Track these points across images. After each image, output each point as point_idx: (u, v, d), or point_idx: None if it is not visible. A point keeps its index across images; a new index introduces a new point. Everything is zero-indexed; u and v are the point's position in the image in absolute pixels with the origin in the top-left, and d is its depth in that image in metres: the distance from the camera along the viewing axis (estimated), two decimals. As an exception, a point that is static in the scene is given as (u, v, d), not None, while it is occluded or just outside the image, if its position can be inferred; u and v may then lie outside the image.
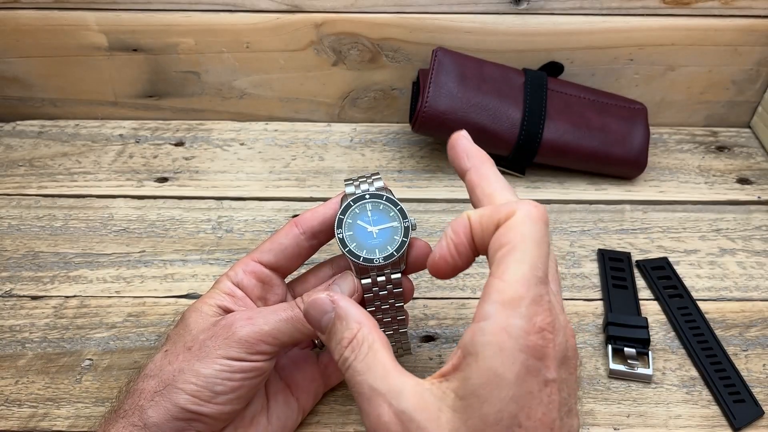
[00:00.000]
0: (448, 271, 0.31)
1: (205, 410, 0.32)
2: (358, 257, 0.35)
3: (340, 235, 0.36)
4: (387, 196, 0.37)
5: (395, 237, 0.36)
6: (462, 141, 0.34)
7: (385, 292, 0.36)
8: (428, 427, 0.26)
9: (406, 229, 0.36)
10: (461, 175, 0.34)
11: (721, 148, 0.63)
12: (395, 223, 0.36)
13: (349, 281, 0.36)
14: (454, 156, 0.34)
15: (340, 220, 0.36)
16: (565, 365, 0.27)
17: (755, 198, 0.58)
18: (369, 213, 0.37)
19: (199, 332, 0.34)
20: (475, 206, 0.32)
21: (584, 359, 0.44)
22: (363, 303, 0.36)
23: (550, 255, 0.28)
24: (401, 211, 0.36)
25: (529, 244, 0.27)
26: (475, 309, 0.48)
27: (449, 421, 0.26)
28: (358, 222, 0.36)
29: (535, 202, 0.29)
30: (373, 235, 0.36)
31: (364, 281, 0.36)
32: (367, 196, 0.37)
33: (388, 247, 0.36)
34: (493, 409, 0.25)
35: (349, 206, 0.36)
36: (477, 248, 0.30)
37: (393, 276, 0.36)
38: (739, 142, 0.64)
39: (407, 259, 0.37)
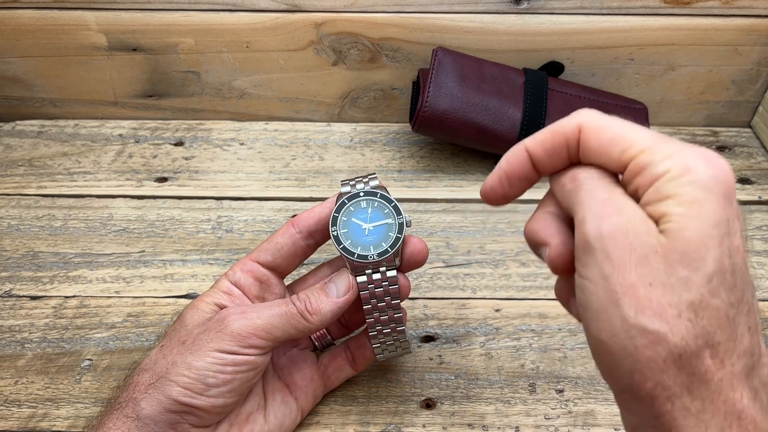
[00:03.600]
0: (499, 199, 0.30)
1: (198, 403, 0.33)
2: (353, 254, 0.35)
3: (335, 233, 0.36)
4: (381, 194, 0.37)
5: (390, 234, 0.36)
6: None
7: (381, 289, 0.36)
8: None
9: (401, 225, 0.36)
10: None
11: (721, 148, 0.63)
12: (390, 220, 0.36)
13: (344, 279, 0.36)
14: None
15: (335, 218, 0.36)
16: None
17: (756, 198, 0.57)
18: (363, 210, 0.37)
19: (193, 327, 0.35)
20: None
21: (584, 360, 0.44)
22: (359, 301, 0.36)
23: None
24: (395, 207, 0.36)
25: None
26: (475, 309, 0.48)
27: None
28: (353, 219, 0.36)
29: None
30: (367, 232, 0.36)
31: (359, 278, 0.36)
32: (362, 194, 0.37)
33: (383, 243, 0.36)
34: (706, 224, 0.23)
35: (343, 204, 0.37)
36: (541, 172, 0.29)
37: (388, 273, 0.36)
38: (740, 142, 0.64)
39: (402, 256, 0.37)
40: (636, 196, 0.26)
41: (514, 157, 0.29)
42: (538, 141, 0.28)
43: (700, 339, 0.22)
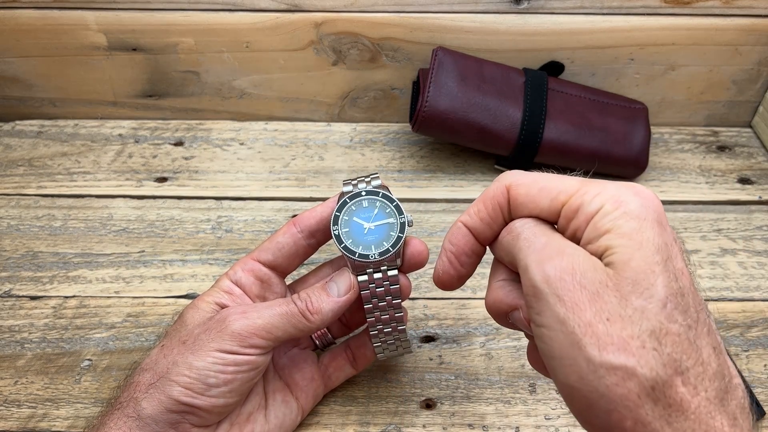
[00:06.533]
0: (454, 282, 0.31)
1: (199, 403, 0.33)
2: (354, 253, 0.35)
3: (336, 232, 0.36)
4: (383, 193, 0.37)
5: (391, 233, 0.36)
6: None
7: (382, 289, 0.36)
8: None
9: (402, 225, 0.36)
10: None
11: (722, 148, 0.63)
12: (391, 220, 0.36)
13: (345, 278, 0.36)
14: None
15: (336, 217, 0.36)
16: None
17: (756, 198, 0.57)
18: (365, 210, 0.36)
19: (194, 327, 0.35)
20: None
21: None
22: (360, 300, 0.36)
23: None
24: (397, 207, 0.36)
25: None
26: (475, 309, 0.48)
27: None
28: (354, 219, 0.36)
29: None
30: (368, 232, 0.36)
31: (360, 278, 0.36)
32: (364, 194, 0.37)
33: (384, 243, 0.36)
34: (648, 251, 0.24)
35: (345, 203, 0.36)
36: (483, 243, 0.30)
37: (390, 273, 0.36)
38: (740, 141, 0.64)
39: (404, 257, 0.37)
40: (576, 239, 0.26)
41: (455, 236, 0.30)
42: (473, 213, 0.30)
43: (668, 367, 0.22)
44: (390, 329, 0.38)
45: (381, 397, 0.42)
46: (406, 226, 0.36)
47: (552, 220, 0.27)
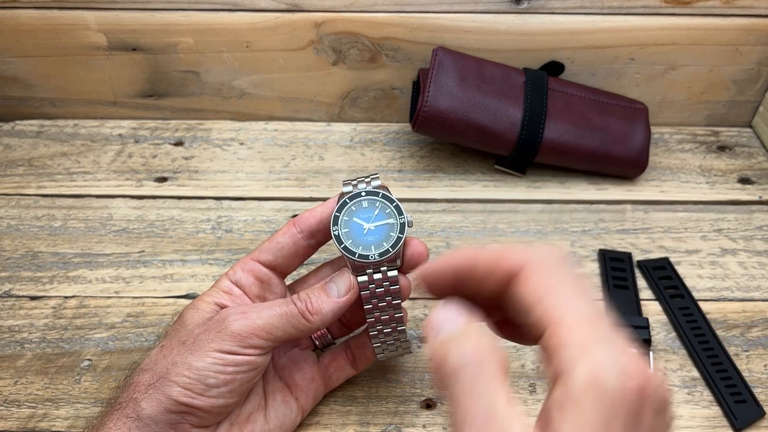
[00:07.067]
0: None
1: (198, 403, 0.33)
2: (354, 254, 0.35)
3: (336, 232, 0.36)
4: (383, 194, 0.37)
5: (391, 234, 0.36)
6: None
7: (382, 289, 0.36)
8: None
9: (402, 225, 0.36)
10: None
11: (722, 148, 0.63)
12: (391, 220, 0.36)
13: (345, 278, 0.36)
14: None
15: (336, 218, 0.36)
16: (660, 414, 0.22)
17: (756, 198, 0.57)
18: (365, 210, 0.36)
19: (194, 327, 0.35)
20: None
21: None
22: (360, 300, 0.36)
23: None
24: (397, 207, 0.36)
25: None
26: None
27: None
28: (354, 219, 0.36)
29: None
30: (368, 232, 0.36)
31: (360, 278, 0.36)
32: (364, 194, 0.37)
33: (384, 243, 0.36)
34: None
35: (345, 204, 0.37)
36: (458, 285, 0.26)
37: (390, 273, 0.36)
38: (741, 141, 0.64)
39: (403, 258, 0.37)
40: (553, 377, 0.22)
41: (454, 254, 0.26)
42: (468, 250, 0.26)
43: None
44: (390, 330, 0.38)
45: (381, 397, 0.42)
46: (406, 226, 0.36)
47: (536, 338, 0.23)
